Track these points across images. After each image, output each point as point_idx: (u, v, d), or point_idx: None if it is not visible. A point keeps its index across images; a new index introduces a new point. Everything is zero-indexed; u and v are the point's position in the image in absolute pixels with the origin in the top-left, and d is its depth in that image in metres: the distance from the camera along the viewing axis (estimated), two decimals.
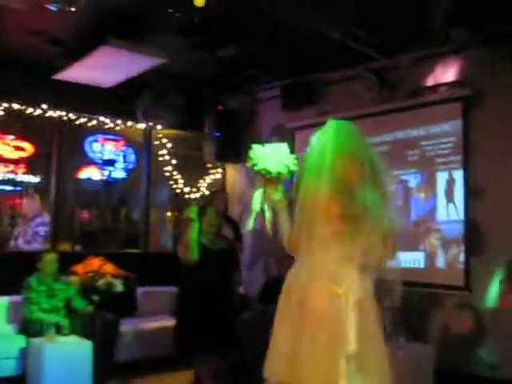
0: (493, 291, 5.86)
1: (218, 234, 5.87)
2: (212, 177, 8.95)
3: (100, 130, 8.13)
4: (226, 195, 7.46)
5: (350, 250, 3.02)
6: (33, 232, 7.72)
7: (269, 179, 3.23)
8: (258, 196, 3.33)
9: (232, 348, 5.96)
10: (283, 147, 3.21)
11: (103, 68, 6.50)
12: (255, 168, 3.21)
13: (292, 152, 3.20)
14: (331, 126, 3.07)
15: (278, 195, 3.24)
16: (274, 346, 3.03)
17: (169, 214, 9.22)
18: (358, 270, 3.00)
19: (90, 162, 8.25)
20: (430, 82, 6.48)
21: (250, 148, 3.16)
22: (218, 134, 8.17)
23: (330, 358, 2.83)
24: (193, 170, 8.83)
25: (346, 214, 2.99)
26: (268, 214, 3.37)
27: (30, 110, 7.40)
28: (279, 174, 3.19)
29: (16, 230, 7.69)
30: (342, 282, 2.95)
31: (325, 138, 3.04)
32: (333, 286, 2.93)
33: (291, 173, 3.22)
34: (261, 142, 3.26)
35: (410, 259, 6.54)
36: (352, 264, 3.00)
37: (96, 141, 8.23)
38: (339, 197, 3.00)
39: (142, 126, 8.24)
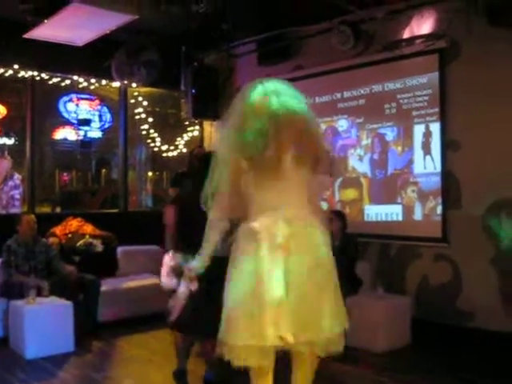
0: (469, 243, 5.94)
1: None
2: (189, 134, 8.90)
3: (74, 89, 8.02)
4: (204, 150, 7.36)
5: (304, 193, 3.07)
6: (7, 197, 7.65)
7: None
8: None
9: None
10: None
11: (74, 26, 6.35)
12: None
13: None
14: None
15: None
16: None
17: (150, 173, 9.18)
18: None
19: (65, 123, 8.14)
20: (406, 34, 6.42)
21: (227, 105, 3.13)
22: (194, 91, 8.09)
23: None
24: (170, 127, 8.79)
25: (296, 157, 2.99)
26: None
27: (1, 70, 7.26)
28: None
29: None
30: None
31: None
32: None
33: None
34: None
35: (388, 212, 6.58)
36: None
37: (70, 100, 8.11)
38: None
39: (116, 84, 8.12)
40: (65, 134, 8.25)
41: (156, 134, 8.55)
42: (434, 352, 5.58)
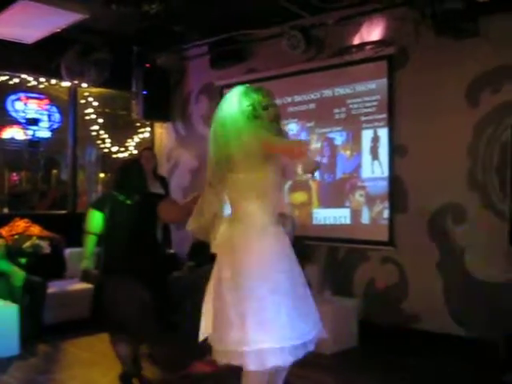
0: (415, 246, 6.06)
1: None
2: (140, 136, 8.85)
3: (22, 88, 7.87)
4: (153, 153, 7.32)
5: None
6: None
7: None
8: None
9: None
10: None
11: (23, 23, 6.29)
12: None
13: None
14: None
15: None
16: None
17: (102, 174, 9.10)
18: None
19: (13, 122, 8.00)
20: (356, 40, 6.52)
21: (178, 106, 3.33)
22: (145, 93, 8.04)
23: None
24: (120, 129, 8.72)
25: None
26: None
27: None
28: None
29: None
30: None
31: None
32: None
33: None
34: (189, 99, 3.37)
35: (336, 216, 6.66)
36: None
37: (18, 99, 7.96)
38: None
39: (66, 83, 8.01)
40: (12, 133, 8.09)
41: (106, 135, 8.47)
42: (380, 353, 5.69)
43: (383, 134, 6.30)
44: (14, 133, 8.07)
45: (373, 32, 6.40)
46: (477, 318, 5.61)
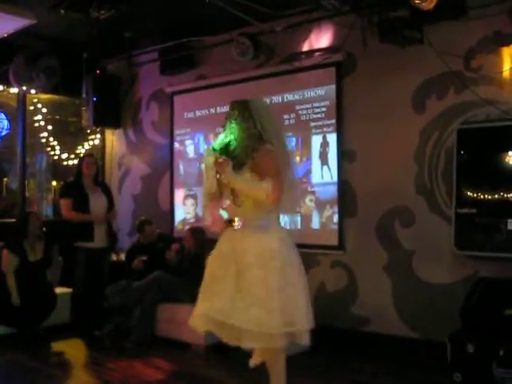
0: (364, 250, 6.15)
1: None
2: (91, 143, 8.76)
3: None
4: (94, 159, 7.13)
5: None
6: None
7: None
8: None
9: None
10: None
11: None
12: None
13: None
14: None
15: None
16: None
17: (54, 183, 8.97)
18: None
19: None
20: (305, 47, 6.61)
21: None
22: (95, 99, 7.98)
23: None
24: (71, 136, 8.63)
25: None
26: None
27: None
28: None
29: None
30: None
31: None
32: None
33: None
34: (140, 106, 3.39)
35: (287, 221, 6.70)
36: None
37: None
38: None
39: (15, 90, 7.89)
40: None
41: (56, 142, 8.37)
42: (331, 356, 5.73)
43: (332, 139, 6.38)
44: None
45: (321, 39, 6.49)
46: (425, 320, 5.71)
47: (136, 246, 7.08)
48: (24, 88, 7.78)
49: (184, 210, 7.82)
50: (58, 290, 6.98)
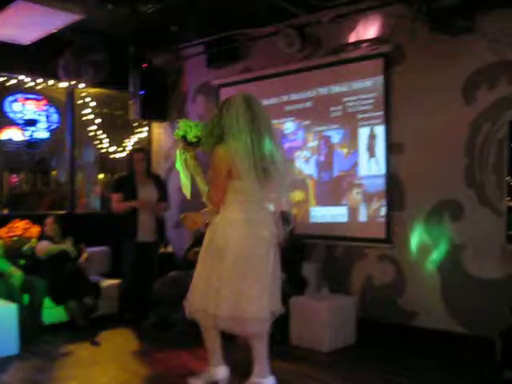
0: (412, 244, 6.07)
1: None
2: (138, 136, 8.85)
3: (20, 89, 7.88)
4: (143, 154, 7.13)
5: (265, 198, 4.17)
6: None
7: (186, 145, 4.22)
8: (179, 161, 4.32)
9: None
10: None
11: (19, 24, 6.27)
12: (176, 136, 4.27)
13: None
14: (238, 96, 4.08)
15: (191, 164, 4.24)
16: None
17: (100, 176, 9.11)
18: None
19: (11, 123, 8.02)
20: (351, 38, 6.52)
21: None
22: (143, 92, 8.05)
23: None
24: (118, 129, 8.73)
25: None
26: (184, 179, 4.34)
27: None
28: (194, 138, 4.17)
29: None
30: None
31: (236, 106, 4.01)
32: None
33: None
34: (186, 99, 3.53)
35: (334, 214, 6.68)
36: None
37: (16, 100, 7.98)
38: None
39: (64, 84, 8.01)
40: (11, 134, 8.11)
41: (104, 136, 8.48)
42: (378, 350, 5.68)
43: (380, 131, 6.31)
44: (12, 134, 8.09)
45: (369, 30, 6.40)
46: (474, 315, 5.63)
47: (198, 238, 7.10)
48: (73, 82, 7.92)
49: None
50: (106, 282, 7.11)
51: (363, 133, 6.45)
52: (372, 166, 6.38)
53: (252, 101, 4.09)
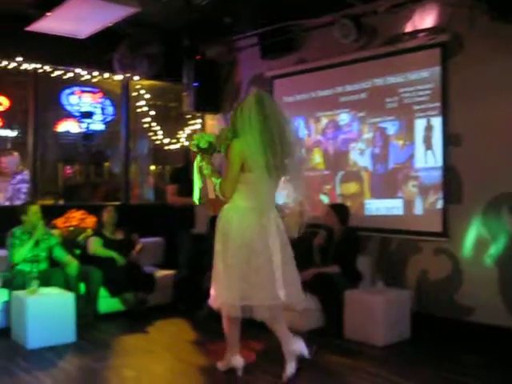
0: (470, 237, 5.95)
1: None
2: (191, 127, 8.91)
3: (76, 82, 8.04)
4: None
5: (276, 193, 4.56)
6: (14, 189, 7.70)
7: (201, 153, 4.46)
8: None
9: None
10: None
11: (76, 18, 6.40)
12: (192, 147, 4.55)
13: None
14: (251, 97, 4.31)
15: (207, 169, 4.44)
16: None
17: (152, 167, 9.21)
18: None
19: (68, 115, 8.17)
20: (408, 28, 6.40)
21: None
22: (196, 84, 8.09)
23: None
24: (172, 121, 8.81)
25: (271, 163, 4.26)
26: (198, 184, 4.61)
27: (4, 63, 7.27)
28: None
29: None
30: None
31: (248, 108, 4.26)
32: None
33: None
34: (240, 91, 3.54)
35: (389, 206, 6.59)
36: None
37: (73, 93, 8.15)
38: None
39: (119, 77, 8.12)
40: (67, 126, 8.28)
41: (158, 127, 8.57)
42: (433, 346, 5.60)
43: (437, 122, 6.19)
44: (69, 126, 8.25)
45: (425, 19, 6.27)
46: None
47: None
48: (128, 75, 8.02)
49: (283, 195, 7.79)
50: (160, 273, 7.20)
51: (419, 124, 6.34)
52: (428, 158, 6.26)
53: (264, 100, 4.33)
